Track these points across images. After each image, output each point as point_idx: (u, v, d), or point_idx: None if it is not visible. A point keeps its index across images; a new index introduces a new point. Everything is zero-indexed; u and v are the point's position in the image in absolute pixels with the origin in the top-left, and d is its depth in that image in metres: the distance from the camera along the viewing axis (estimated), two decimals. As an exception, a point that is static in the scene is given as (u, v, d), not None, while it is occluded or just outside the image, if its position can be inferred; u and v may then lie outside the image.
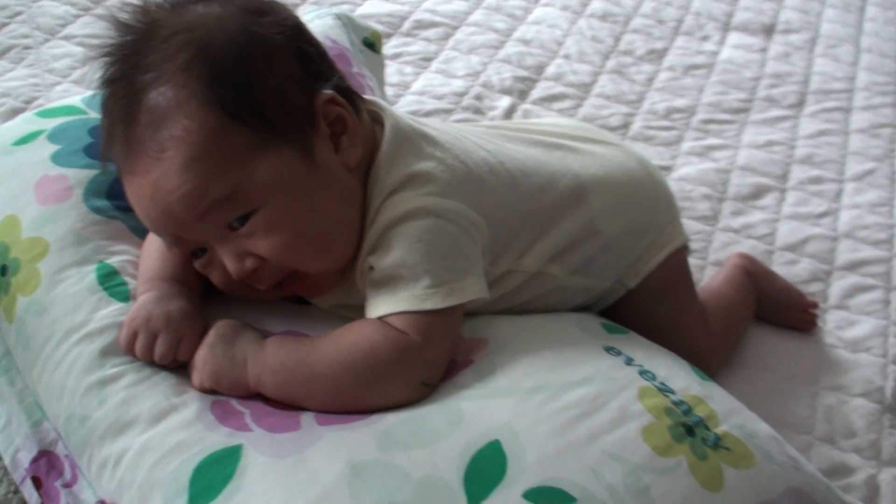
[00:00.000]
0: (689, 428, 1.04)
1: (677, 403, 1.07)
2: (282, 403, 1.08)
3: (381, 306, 1.09)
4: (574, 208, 1.26)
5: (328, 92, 1.12)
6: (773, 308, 1.61)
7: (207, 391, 1.09)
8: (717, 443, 1.04)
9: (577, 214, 1.26)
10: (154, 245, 1.19)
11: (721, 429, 1.06)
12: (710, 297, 1.51)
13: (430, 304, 1.07)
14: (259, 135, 1.06)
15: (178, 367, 1.11)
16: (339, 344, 1.08)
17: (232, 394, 1.08)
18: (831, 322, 1.64)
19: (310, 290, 1.16)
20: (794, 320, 1.62)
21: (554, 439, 1.00)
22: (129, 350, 1.10)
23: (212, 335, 1.11)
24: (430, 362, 1.09)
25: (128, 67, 1.08)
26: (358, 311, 1.13)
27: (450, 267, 1.09)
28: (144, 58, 1.07)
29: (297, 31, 1.14)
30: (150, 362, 1.10)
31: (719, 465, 1.02)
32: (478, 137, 1.26)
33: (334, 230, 1.12)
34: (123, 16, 1.11)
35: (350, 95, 1.17)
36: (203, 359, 1.09)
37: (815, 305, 1.63)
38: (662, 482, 0.98)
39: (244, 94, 1.06)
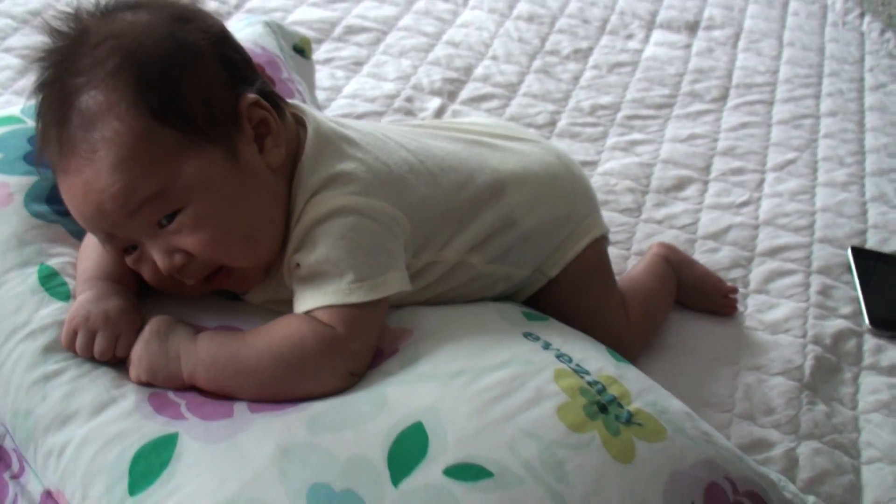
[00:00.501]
0: (602, 406, 1.09)
1: (591, 384, 1.12)
2: (215, 393, 1.12)
3: (308, 301, 1.13)
4: (492, 202, 1.31)
5: (252, 96, 1.16)
6: (694, 294, 1.66)
7: (144, 384, 1.12)
8: (630, 419, 1.09)
9: (495, 208, 1.31)
10: (91, 247, 1.23)
11: (634, 406, 1.11)
12: (631, 285, 1.56)
13: (354, 298, 1.12)
14: (185, 136, 1.10)
15: (117, 362, 1.15)
16: (269, 338, 1.12)
17: (167, 387, 1.12)
18: (752, 306, 1.70)
19: (237, 284, 1.20)
20: (715, 305, 1.66)
21: (473, 419, 1.04)
22: (70, 347, 1.14)
23: (146, 331, 1.14)
24: (356, 353, 1.13)
25: (60, 72, 1.12)
26: (288, 305, 1.17)
27: (373, 262, 1.14)
28: (75, 63, 1.11)
29: (222, 38, 1.18)
30: (90, 358, 1.14)
31: (631, 439, 1.07)
32: (400, 137, 1.31)
33: (259, 227, 1.15)
34: (56, 23, 1.14)
35: (274, 99, 1.21)
36: (139, 354, 1.13)
37: (734, 291, 1.68)
38: (576, 456, 1.03)
39: (170, 98, 1.09)
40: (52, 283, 1.22)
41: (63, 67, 1.12)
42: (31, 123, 1.39)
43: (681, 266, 1.66)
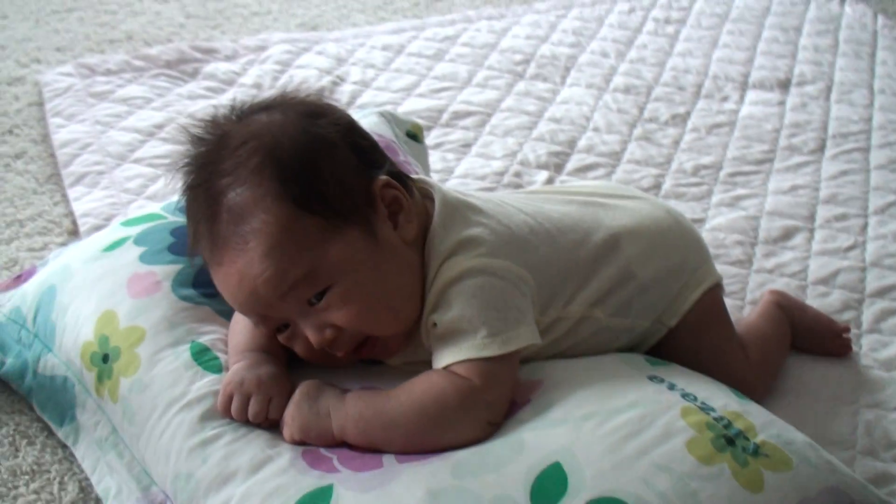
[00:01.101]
0: (729, 439, 1.14)
1: (717, 419, 1.17)
2: (364, 448, 1.20)
3: (445, 357, 1.21)
4: (610, 257, 1.37)
5: (383, 178, 1.26)
6: (808, 337, 1.68)
7: (298, 443, 1.21)
8: (756, 450, 1.13)
9: (613, 262, 1.37)
10: (241, 322, 1.33)
11: (759, 438, 1.15)
12: (748, 331, 1.59)
13: (488, 352, 1.19)
14: (327, 220, 1.20)
15: (270, 425, 1.24)
16: (412, 392, 1.20)
17: (320, 444, 1.21)
18: (866, 345, 1.72)
19: (382, 351, 1.28)
20: (829, 347, 1.68)
21: (608, 456, 1.11)
22: (226, 412, 1.24)
23: (297, 394, 1.23)
24: (492, 403, 1.20)
25: (206, 174, 1.23)
26: (425, 366, 1.25)
27: (503, 318, 1.22)
28: (220, 165, 1.21)
29: (351, 128, 1.29)
30: (245, 422, 1.23)
31: (759, 469, 1.12)
32: (517, 202, 1.39)
33: (399, 297, 1.24)
34: (197, 130, 1.26)
35: (402, 178, 1.31)
36: (291, 415, 1.22)
37: (847, 330, 1.70)
38: (708, 486, 1.09)
39: (311, 187, 1.20)
40: (204, 357, 1.32)
41: (208, 170, 1.22)
42: (171, 219, 1.51)
43: (793, 310, 1.69)
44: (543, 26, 3.01)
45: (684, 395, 1.21)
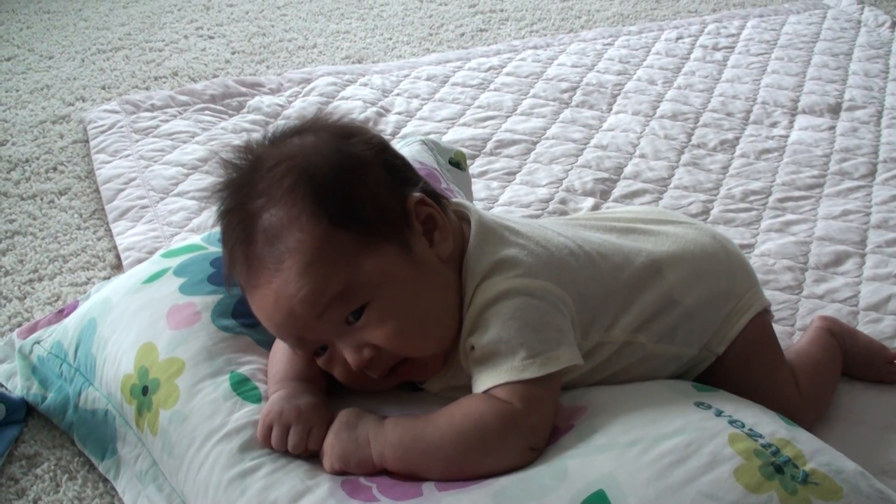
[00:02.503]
0: (778, 467, 1.11)
1: (766, 446, 1.14)
2: (404, 476, 1.18)
3: (485, 381, 1.19)
4: (651, 282, 1.35)
5: (417, 195, 1.26)
6: (859, 364, 1.65)
7: (338, 473, 1.19)
8: (806, 479, 1.10)
9: (655, 287, 1.35)
10: (280, 351, 1.32)
11: (809, 466, 1.12)
12: (797, 357, 1.57)
13: (528, 374, 1.17)
14: (363, 237, 1.19)
15: (310, 455, 1.22)
16: (451, 418, 1.18)
17: (359, 472, 1.19)
18: None
19: (419, 373, 1.28)
20: (881, 374, 1.65)
21: (653, 484, 1.08)
22: (266, 443, 1.23)
23: (337, 423, 1.22)
24: (534, 427, 1.18)
25: (240, 198, 1.23)
26: (464, 391, 1.24)
27: (543, 339, 1.20)
28: (254, 187, 1.22)
29: (383, 147, 1.29)
30: (285, 452, 1.22)
31: (809, 498, 1.08)
32: (556, 227, 1.38)
33: (436, 315, 1.23)
34: (231, 157, 1.26)
35: (436, 197, 1.30)
36: (331, 444, 1.21)
37: None
38: None
39: (345, 204, 1.20)
40: (243, 388, 1.31)
41: (243, 193, 1.23)
42: (211, 249, 1.51)
43: (844, 336, 1.66)
44: (590, 55, 3.01)
45: (732, 422, 1.18)
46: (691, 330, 1.39)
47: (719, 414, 1.21)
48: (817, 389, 1.56)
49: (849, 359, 1.65)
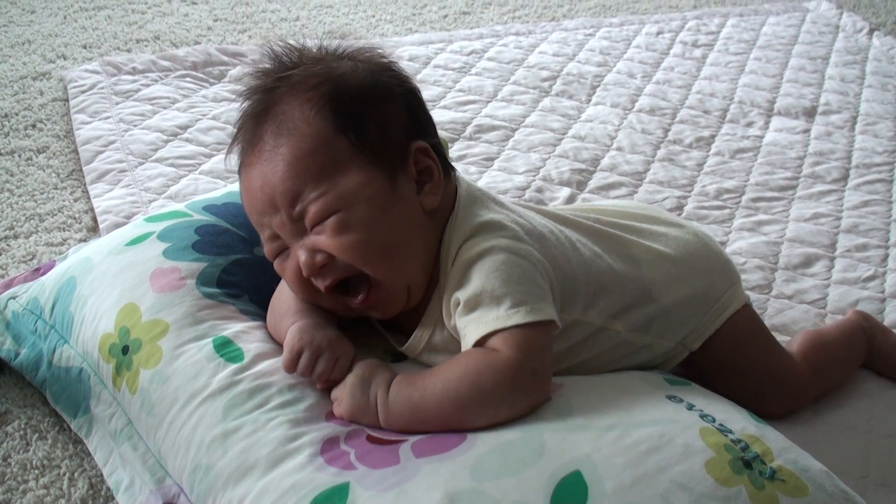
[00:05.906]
0: (746, 462, 1.13)
1: (735, 441, 1.16)
2: (383, 439, 1.21)
3: (472, 333, 1.22)
4: (630, 274, 1.39)
5: (423, 143, 1.31)
6: (887, 362, 1.67)
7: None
8: (773, 475, 1.13)
9: (634, 280, 1.39)
10: (287, 293, 1.35)
11: (776, 463, 1.15)
12: (815, 334, 1.63)
13: (515, 320, 1.20)
14: (357, 153, 1.25)
15: (326, 387, 1.28)
16: (447, 381, 1.20)
17: (369, 426, 1.23)
18: None
19: (380, 304, 1.30)
20: None
21: (629, 470, 1.10)
22: (290, 368, 1.26)
23: (353, 376, 1.26)
24: (534, 372, 1.20)
25: (271, 82, 1.29)
26: (445, 356, 1.28)
27: (526, 291, 1.23)
28: (286, 80, 1.28)
29: (413, 92, 1.35)
30: (271, 410, 1.23)
31: (776, 493, 1.11)
32: (536, 213, 1.41)
33: (398, 245, 1.27)
34: (279, 51, 1.32)
35: (445, 161, 1.35)
36: (345, 398, 1.24)
37: None
38: None
39: (355, 119, 1.26)
40: (226, 349, 1.32)
41: (274, 79, 1.30)
42: (196, 216, 1.53)
43: (875, 332, 1.69)
44: (571, 44, 3.03)
45: (703, 416, 1.21)
46: (667, 324, 1.42)
47: (691, 408, 1.23)
48: (821, 365, 1.59)
49: (876, 355, 1.68)
